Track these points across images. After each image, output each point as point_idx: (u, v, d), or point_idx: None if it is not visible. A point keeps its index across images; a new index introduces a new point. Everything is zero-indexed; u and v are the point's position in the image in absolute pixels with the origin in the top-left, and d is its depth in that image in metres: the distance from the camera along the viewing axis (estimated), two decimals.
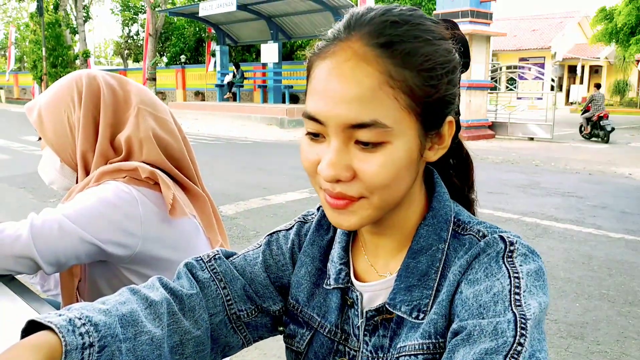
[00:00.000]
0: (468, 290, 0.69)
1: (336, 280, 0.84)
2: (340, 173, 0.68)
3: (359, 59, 0.67)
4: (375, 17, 0.70)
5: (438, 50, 0.70)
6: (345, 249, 0.86)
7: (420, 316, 0.73)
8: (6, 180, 7.66)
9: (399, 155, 0.68)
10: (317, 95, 0.69)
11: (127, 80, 1.40)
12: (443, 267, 0.75)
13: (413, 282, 0.75)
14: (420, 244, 0.77)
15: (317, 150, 0.71)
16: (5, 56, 43.42)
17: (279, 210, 5.99)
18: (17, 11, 46.41)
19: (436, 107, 0.70)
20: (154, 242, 1.25)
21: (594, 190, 7.48)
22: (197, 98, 25.55)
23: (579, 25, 34.99)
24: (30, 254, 1.12)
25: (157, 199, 1.27)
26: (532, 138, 14.48)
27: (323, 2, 17.50)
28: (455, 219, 0.78)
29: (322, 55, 0.71)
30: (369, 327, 0.79)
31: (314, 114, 0.69)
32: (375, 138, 0.67)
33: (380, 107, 0.66)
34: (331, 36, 0.71)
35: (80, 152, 1.32)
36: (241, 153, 11.30)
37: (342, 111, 0.66)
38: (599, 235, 5.15)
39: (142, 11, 32.47)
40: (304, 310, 0.88)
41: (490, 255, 0.70)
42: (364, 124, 0.66)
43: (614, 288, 3.83)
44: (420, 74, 0.68)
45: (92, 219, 1.17)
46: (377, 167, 0.67)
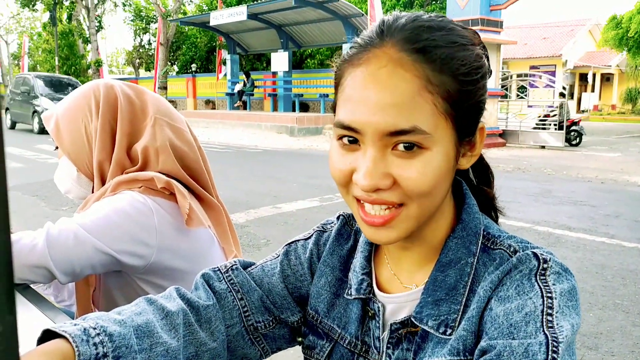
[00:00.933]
0: (498, 307, 0.66)
1: (357, 290, 0.82)
2: (379, 182, 0.67)
3: (395, 65, 0.66)
4: (408, 23, 0.69)
5: (472, 56, 0.69)
6: (367, 258, 0.84)
7: (448, 332, 0.71)
8: (20, 189, 7.72)
9: (438, 161, 0.67)
10: (352, 103, 0.68)
11: (144, 89, 1.41)
12: (472, 281, 0.72)
13: (441, 296, 0.73)
14: (449, 257, 0.74)
15: (350, 159, 0.70)
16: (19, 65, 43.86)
17: (290, 219, 5.99)
18: (31, 21, 46.98)
19: (471, 113, 0.70)
20: (169, 253, 1.25)
21: (606, 199, 7.41)
22: (208, 106, 25.66)
23: (590, 33, 34.84)
24: (45, 264, 1.13)
25: (172, 209, 1.27)
26: (543, 146, 14.41)
27: (333, 11, 17.57)
28: (485, 232, 0.76)
29: (354, 63, 0.70)
30: (393, 340, 0.77)
31: (349, 123, 0.68)
32: (415, 142, 0.66)
33: (419, 113, 0.65)
34: (363, 43, 0.70)
35: (97, 161, 1.33)
36: (251, 161, 11.33)
37: (380, 118, 0.65)
38: (612, 245, 5.11)
39: (154, 21, 32.71)
40: (324, 321, 0.87)
41: (523, 272, 0.68)
42: (404, 131, 0.65)
43: (628, 298, 3.79)
44: (457, 79, 0.67)
45: (107, 229, 1.17)
46: (417, 173, 0.66)
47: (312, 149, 13.92)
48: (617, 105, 34.70)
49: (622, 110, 33.41)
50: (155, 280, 1.27)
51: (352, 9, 17.40)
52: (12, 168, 9.83)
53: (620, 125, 25.64)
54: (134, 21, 34.75)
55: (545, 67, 31.16)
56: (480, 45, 0.72)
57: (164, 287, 1.27)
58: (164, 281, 1.27)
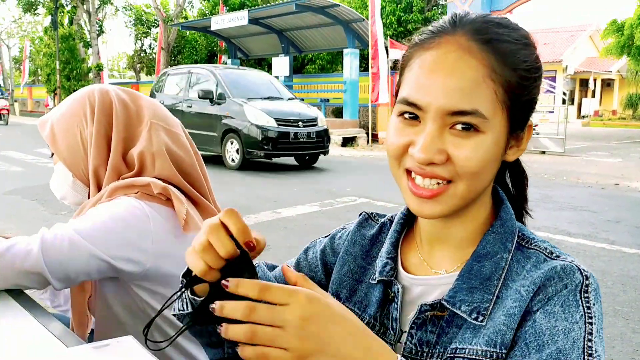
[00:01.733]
0: (543, 321, 0.70)
1: (380, 272, 0.86)
2: (434, 156, 0.72)
3: (464, 52, 0.72)
4: (478, 18, 0.76)
5: (532, 55, 0.76)
6: (394, 245, 0.89)
7: (480, 318, 0.74)
8: (19, 192, 7.72)
9: (489, 145, 0.72)
10: (419, 82, 0.73)
11: (139, 94, 1.41)
12: (505, 276, 0.76)
13: (475, 284, 0.77)
14: (486, 249, 0.79)
15: (408, 133, 0.75)
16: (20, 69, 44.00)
17: (289, 224, 5.98)
18: (32, 25, 47.13)
19: (524, 107, 0.76)
20: (165, 259, 1.25)
21: (607, 205, 7.40)
22: None
23: (591, 38, 34.89)
24: (40, 270, 1.12)
25: (169, 215, 1.27)
26: (543, 152, 14.40)
27: (334, 17, 17.60)
28: (520, 232, 0.81)
29: (425, 46, 0.75)
30: (418, 321, 0.80)
31: (414, 100, 0.73)
32: (472, 124, 0.71)
33: (481, 97, 0.71)
34: (435, 30, 0.76)
35: (93, 167, 1.32)
36: (252, 166, 11.33)
37: (444, 98, 0.71)
38: (612, 251, 5.09)
39: (155, 25, 32.80)
40: (345, 305, 0.89)
41: (569, 288, 0.71)
42: (465, 112, 0.70)
43: (628, 304, 3.78)
44: (518, 73, 0.73)
45: (102, 235, 1.16)
46: (470, 152, 0.71)
47: None
48: (617, 110, 34.71)
49: (622, 116, 33.41)
50: (152, 287, 1.26)
51: (353, 14, 17.43)
52: (12, 172, 9.83)
53: (621, 130, 25.65)
54: (135, 25, 34.84)
55: (546, 73, 31.09)
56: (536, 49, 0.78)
57: (160, 294, 1.26)
58: (160, 287, 1.26)
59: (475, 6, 13.97)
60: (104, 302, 1.31)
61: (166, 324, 1.29)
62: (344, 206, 6.89)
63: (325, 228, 5.70)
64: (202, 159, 1.44)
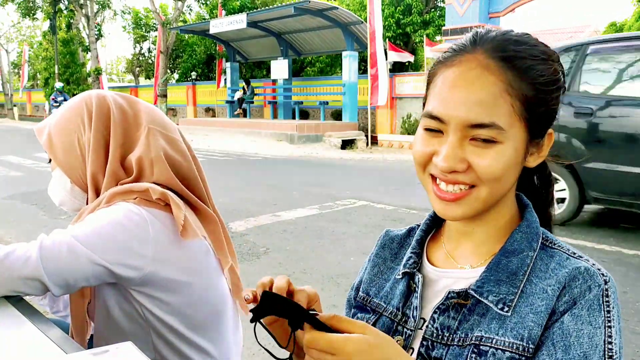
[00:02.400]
0: (570, 323, 0.75)
1: (404, 265, 0.93)
2: (455, 165, 0.79)
3: (483, 68, 0.78)
4: (498, 36, 0.81)
5: (550, 69, 0.81)
6: (419, 242, 0.96)
7: (505, 309, 0.79)
8: (18, 197, 7.71)
9: (509, 154, 0.78)
10: (442, 97, 0.80)
11: (137, 99, 1.40)
12: (530, 272, 0.82)
13: (502, 277, 0.82)
14: (513, 246, 0.84)
15: (433, 144, 0.82)
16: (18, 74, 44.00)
17: (289, 227, 5.98)
18: (31, 30, 47.16)
19: (543, 118, 0.81)
20: (164, 264, 1.24)
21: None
22: (208, 114, 25.70)
23: None
24: (38, 276, 1.12)
25: (167, 221, 1.26)
26: None
27: (333, 19, 17.63)
28: (544, 235, 0.87)
29: (448, 64, 0.82)
30: (443, 307, 0.85)
31: (437, 113, 0.80)
32: (491, 137, 0.77)
33: (499, 111, 0.77)
34: (457, 48, 0.83)
35: (91, 173, 1.32)
36: (251, 169, 11.33)
37: (465, 112, 0.77)
38: (612, 252, 5.09)
39: (154, 29, 32.84)
40: (373, 300, 0.98)
41: (594, 292, 0.76)
42: (484, 125, 0.77)
43: (628, 305, 3.77)
44: (535, 87, 0.79)
45: (101, 240, 1.16)
46: (490, 160, 0.78)
47: (312, 156, 13.94)
48: None
49: None
50: (151, 292, 1.26)
51: (351, 17, 17.45)
52: (11, 177, 9.84)
53: None
54: (133, 29, 34.87)
55: None
56: (558, 63, 0.83)
57: (159, 299, 1.26)
58: (160, 293, 1.26)
59: (473, 8, 14.00)
60: (103, 308, 1.31)
61: (168, 331, 1.29)
62: (344, 209, 6.89)
63: (325, 231, 5.73)
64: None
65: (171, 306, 1.28)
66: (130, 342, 0.91)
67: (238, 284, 1.49)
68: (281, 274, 0.92)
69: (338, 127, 17.35)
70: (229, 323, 1.43)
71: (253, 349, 3.04)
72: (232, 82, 23.17)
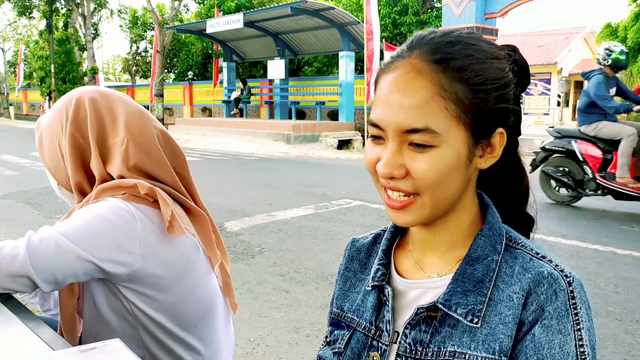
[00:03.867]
0: (542, 335, 0.75)
1: (373, 279, 0.92)
2: (393, 171, 0.78)
3: (415, 73, 0.77)
4: (435, 38, 0.80)
5: (490, 68, 0.79)
6: (385, 252, 0.95)
7: (475, 320, 0.79)
8: (14, 197, 7.70)
9: (447, 157, 0.77)
10: (379, 104, 0.80)
11: (119, 99, 1.36)
12: (496, 277, 0.81)
13: (469, 287, 0.81)
14: (477, 253, 0.83)
15: (376, 151, 0.81)
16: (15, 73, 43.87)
17: (284, 226, 5.98)
18: (27, 29, 47.02)
19: (485, 118, 0.79)
20: (153, 260, 1.24)
21: (601, 206, 7.43)
22: (204, 114, 25.69)
23: (585, 41, 35.00)
24: (27, 273, 1.12)
25: (155, 217, 1.26)
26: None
27: (329, 19, 17.63)
28: (507, 234, 0.86)
29: (386, 70, 0.82)
30: (413, 322, 0.84)
31: (375, 120, 0.80)
32: (426, 141, 0.76)
33: (432, 115, 0.76)
34: (395, 54, 0.82)
35: (74, 182, 1.31)
36: (247, 169, 11.33)
37: (399, 118, 0.77)
38: (605, 252, 5.11)
39: (151, 28, 32.80)
40: (347, 315, 0.97)
41: (560, 297, 0.76)
42: (417, 129, 0.76)
43: (621, 305, 3.79)
44: (470, 87, 0.77)
45: (88, 237, 1.16)
46: (426, 165, 0.77)
47: (308, 156, 13.94)
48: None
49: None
50: (139, 289, 1.26)
51: (348, 17, 17.46)
52: (6, 176, 9.81)
53: None
54: (130, 29, 34.79)
55: (541, 75, 31.26)
56: (501, 60, 0.81)
57: (148, 296, 1.27)
58: (148, 289, 1.26)
59: (469, 9, 14.01)
60: (92, 304, 1.31)
61: (157, 328, 1.29)
62: (339, 209, 6.90)
63: (321, 231, 5.73)
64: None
65: (160, 303, 1.28)
66: (118, 339, 0.91)
67: (229, 282, 1.49)
68: (276, 274, 0.92)
69: (334, 127, 17.36)
70: (219, 321, 1.43)
71: (246, 347, 3.05)
72: (229, 81, 23.16)
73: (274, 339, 3.18)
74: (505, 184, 0.93)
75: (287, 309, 3.65)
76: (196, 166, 11.39)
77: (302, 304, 3.73)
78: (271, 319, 3.48)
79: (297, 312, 3.60)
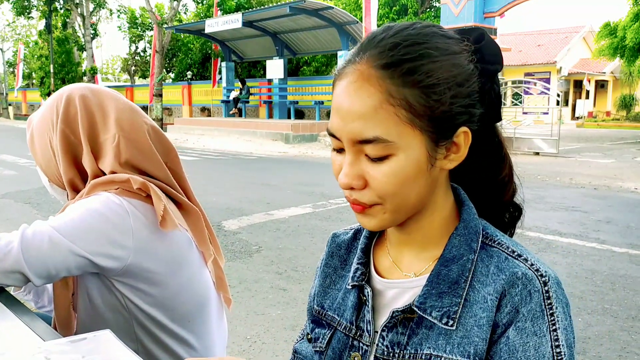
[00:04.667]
0: (516, 338, 0.74)
1: (352, 278, 0.90)
2: (351, 182, 0.76)
3: (363, 80, 0.73)
4: (384, 39, 0.75)
5: (442, 67, 0.74)
6: (364, 250, 0.92)
7: (450, 322, 0.78)
8: (12, 196, 7.70)
9: (404, 165, 0.74)
10: (334, 113, 0.77)
11: (108, 95, 1.37)
12: (472, 277, 0.79)
13: (444, 289, 0.79)
14: (452, 253, 0.81)
15: (339, 161, 0.79)
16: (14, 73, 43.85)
17: (282, 225, 5.99)
18: (27, 29, 46.99)
19: (443, 119, 0.74)
20: (146, 255, 1.25)
21: (598, 205, 7.45)
22: (203, 114, 25.68)
23: (584, 40, 35.03)
24: (20, 268, 1.13)
25: (148, 212, 1.27)
26: (537, 153, 14.46)
27: (328, 19, 17.64)
28: (484, 231, 0.83)
29: (339, 76, 0.78)
30: (390, 324, 0.83)
31: (330, 130, 0.78)
32: (380, 152, 0.73)
33: (382, 124, 0.72)
34: (348, 58, 0.78)
35: (67, 179, 1.32)
36: (246, 168, 11.34)
37: (350, 128, 0.74)
38: (602, 250, 5.13)
39: (149, 28, 32.78)
40: (328, 314, 0.95)
41: (535, 299, 0.74)
42: (368, 140, 0.73)
43: (617, 303, 3.80)
44: (421, 90, 0.72)
45: (81, 231, 1.17)
46: (383, 176, 0.74)
47: (307, 156, 13.94)
48: (611, 111, 34.86)
49: (616, 117, 33.55)
50: (133, 283, 1.26)
51: (346, 16, 17.47)
52: (5, 175, 9.82)
53: (614, 131, 25.77)
54: (129, 29, 34.79)
55: (540, 74, 31.31)
56: (459, 55, 0.76)
57: (141, 290, 1.27)
58: (142, 284, 1.27)
59: (468, 8, 14.02)
60: (86, 299, 1.31)
61: (151, 323, 1.30)
62: (337, 207, 6.91)
63: (318, 229, 5.74)
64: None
65: (153, 297, 1.29)
66: (108, 330, 0.92)
67: (222, 277, 1.50)
68: (273, 272, 0.93)
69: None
70: (212, 316, 1.44)
71: (243, 345, 3.06)
72: (228, 81, 23.16)
73: (270, 337, 3.19)
74: (487, 174, 0.90)
75: (284, 306, 3.66)
76: (195, 166, 11.40)
77: (299, 302, 3.73)
78: (268, 316, 3.49)
79: (293, 310, 3.61)
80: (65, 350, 0.85)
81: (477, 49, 0.79)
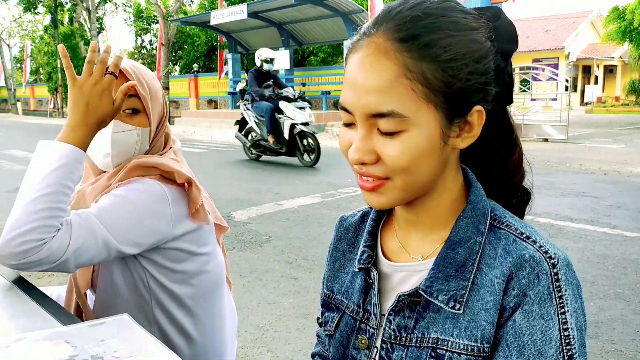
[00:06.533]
0: (522, 321, 0.73)
1: (359, 261, 0.90)
2: (364, 157, 0.75)
3: (380, 53, 0.72)
4: (402, 12, 0.73)
5: (461, 42, 0.72)
6: (371, 233, 0.91)
7: (457, 306, 0.77)
8: None
9: (417, 141, 0.72)
10: (346, 87, 0.76)
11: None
12: (479, 260, 0.78)
13: (451, 272, 0.78)
14: (459, 236, 0.80)
15: (349, 136, 0.78)
16: (21, 69, 44.02)
17: (292, 215, 6.01)
18: (33, 24, 47.13)
19: (458, 96, 0.73)
20: (178, 238, 1.33)
21: (609, 190, 7.40)
22: (210, 106, 25.70)
23: (592, 25, 34.70)
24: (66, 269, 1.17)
25: (183, 198, 1.34)
26: (546, 139, 14.37)
27: (333, 8, 17.56)
28: (492, 213, 0.82)
29: (353, 49, 0.76)
30: (396, 308, 0.82)
31: (343, 104, 0.76)
32: (394, 127, 0.72)
33: (398, 98, 0.71)
34: (362, 31, 0.77)
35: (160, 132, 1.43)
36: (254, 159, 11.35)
37: (364, 102, 0.72)
38: (613, 235, 5.10)
39: (155, 21, 32.77)
40: (337, 297, 0.95)
41: (542, 281, 0.73)
42: (383, 114, 0.71)
43: (629, 287, 3.79)
44: (439, 65, 0.71)
45: (131, 234, 1.23)
46: (396, 151, 0.72)
47: None
48: (620, 97, 34.58)
49: (625, 102, 33.27)
50: (160, 260, 1.33)
51: (352, 5, 17.39)
52: (15, 170, 9.88)
53: (623, 117, 25.55)
54: (135, 22, 34.81)
55: (548, 60, 31.04)
56: (477, 31, 0.74)
57: (167, 267, 1.34)
58: (168, 262, 1.33)
59: None
60: (108, 278, 1.35)
61: (170, 300, 1.34)
62: (346, 197, 6.91)
63: (327, 219, 5.75)
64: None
65: (177, 274, 1.35)
66: (126, 315, 0.93)
67: (225, 260, 1.58)
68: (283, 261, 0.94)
69: (340, 116, 17.32)
70: (224, 297, 1.52)
71: (256, 333, 3.08)
72: (234, 73, 23.13)
73: (282, 325, 3.21)
74: (498, 156, 0.88)
75: (295, 295, 3.68)
76: (203, 158, 11.43)
77: (310, 291, 3.75)
78: (280, 305, 3.51)
79: (305, 298, 3.62)
80: (84, 334, 0.86)
81: (494, 27, 0.77)
